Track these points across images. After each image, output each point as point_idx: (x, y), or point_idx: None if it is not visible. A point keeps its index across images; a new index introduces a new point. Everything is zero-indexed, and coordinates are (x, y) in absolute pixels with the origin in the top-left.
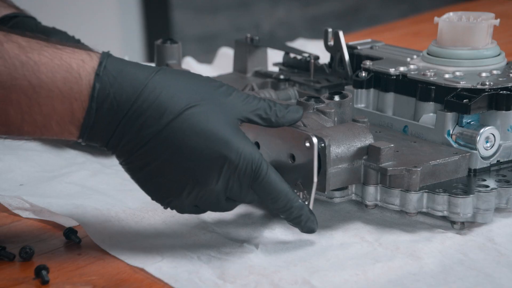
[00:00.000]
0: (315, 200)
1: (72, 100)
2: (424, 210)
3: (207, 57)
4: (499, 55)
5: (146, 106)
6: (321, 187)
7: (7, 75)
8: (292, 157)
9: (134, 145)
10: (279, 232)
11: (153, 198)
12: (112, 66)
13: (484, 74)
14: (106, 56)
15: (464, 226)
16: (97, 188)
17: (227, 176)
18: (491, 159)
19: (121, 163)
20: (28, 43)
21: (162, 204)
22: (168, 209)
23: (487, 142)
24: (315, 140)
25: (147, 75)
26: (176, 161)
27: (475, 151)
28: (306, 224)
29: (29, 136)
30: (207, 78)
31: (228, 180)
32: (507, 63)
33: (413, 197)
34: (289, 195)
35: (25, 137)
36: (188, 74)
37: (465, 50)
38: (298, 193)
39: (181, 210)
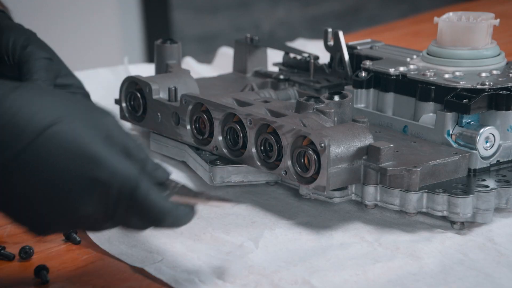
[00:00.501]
0: (315, 200)
1: None
2: (424, 210)
3: (207, 57)
4: (499, 55)
5: (2, 124)
6: (321, 187)
7: None
8: None
9: None
10: (279, 232)
11: (25, 225)
12: None
13: (484, 74)
14: None
15: (464, 226)
16: None
17: (103, 199)
18: (491, 159)
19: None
20: None
21: (31, 228)
22: None
23: (487, 142)
24: None
25: (8, 88)
26: (41, 187)
27: (475, 151)
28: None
29: None
30: (80, 97)
31: (103, 203)
32: (507, 63)
33: (413, 197)
34: (174, 213)
35: None
36: (56, 91)
37: (465, 50)
38: None
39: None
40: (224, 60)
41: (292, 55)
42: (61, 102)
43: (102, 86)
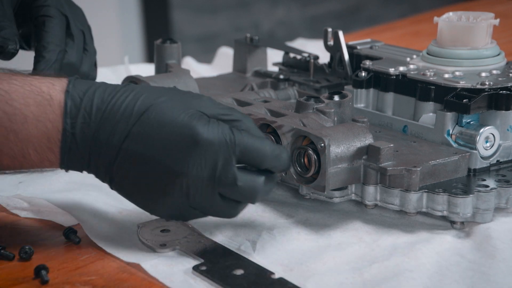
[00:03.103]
0: (315, 199)
1: (47, 123)
2: (423, 210)
3: (206, 57)
4: (498, 55)
5: (114, 113)
6: (321, 187)
7: None
8: None
9: (111, 157)
10: (277, 232)
11: (151, 212)
12: (80, 84)
13: (483, 74)
14: (74, 78)
15: (464, 225)
16: (95, 185)
17: (203, 159)
18: (490, 159)
19: (110, 185)
20: None
21: (162, 216)
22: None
23: (486, 142)
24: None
25: (116, 87)
26: (150, 156)
27: (474, 151)
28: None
29: (9, 169)
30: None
31: (206, 164)
32: (507, 63)
33: (413, 197)
34: (272, 147)
35: (5, 171)
36: (162, 87)
37: (465, 50)
38: None
39: (183, 217)
40: (224, 60)
41: (292, 55)
42: (158, 90)
43: None
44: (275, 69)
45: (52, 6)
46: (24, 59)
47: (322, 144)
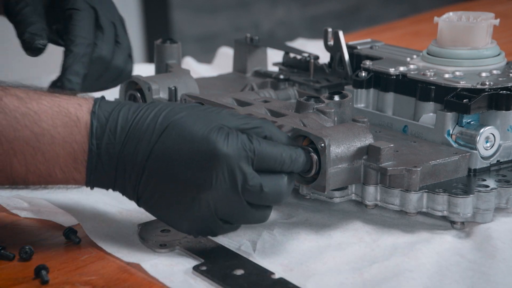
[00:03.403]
0: (315, 199)
1: (73, 143)
2: (424, 210)
3: (206, 57)
4: (499, 55)
5: (138, 131)
6: (321, 187)
7: (9, 128)
8: None
9: (137, 174)
10: (277, 232)
11: (180, 229)
12: (106, 105)
13: (484, 74)
14: (100, 98)
15: (464, 226)
16: None
17: (225, 171)
18: (491, 159)
19: (138, 203)
20: (26, 94)
21: (190, 233)
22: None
23: (487, 142)
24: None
25: (139, 105)
26: (172, 173)
27: (475, 151)
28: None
29: (34, 186)
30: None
31: (228, 176)
32: (507, 63)
33: (413, 197)
34: (289, 152)
35: (30, 187)
36: (183, 104)
37: (465, 50)
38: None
39: (212, 232)
40: (224, 60)
41: (292, 55)
42: (179, 107)
43: None
44: (275, 69)
45: None
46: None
47: (322, 144)
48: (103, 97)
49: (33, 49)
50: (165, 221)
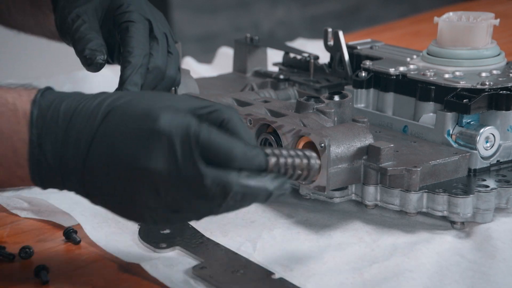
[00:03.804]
0: (315, 199)
1: (12, 134)
2: (424, 210)
3: (206, 57)
4: (499, 55)
5: (81, 117)
6: (321, 187)
7: None
8: None
9: (80, 164)
10: (277, 232)
11: (129, 218)
12: (50, 94)
13: (484, 74)
14: (45, 88)
15: (464, 226)
16: None
17: (166, 154)
18: (491, 159)
19: (91, 200)
20: None
21: (141, 221)
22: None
23: (487, 142)
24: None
25: (87, 94)
26: (116, 158)
27: (475, 151)
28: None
29: None
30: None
31: (170, 159)
32: (507, 63)
33: (413, 197)
34: (244, 149)
35: None
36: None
37: (465, 50)
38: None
39: (162, 221)
40: (224, 60)
41: (292, 55)
42: (130, 92)
43: (103, 86)
44: (275, 69)
45: (135, 11)
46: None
47: (322, 144)
48: (48, 87)
49: (94, 65)
50: (114, 210)
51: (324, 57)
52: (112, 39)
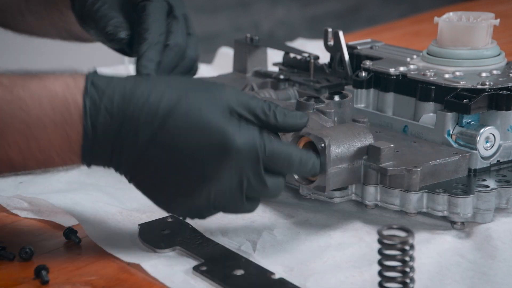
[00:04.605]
0: (315, 200)
1: (66, 126)
2: (424, 210)
3: (207, 57)
4: (499, 55)
5: (138, 112)
6: (321, 187)
7: None
8: None
9: (135, 156)
10: (278, 232)
11: (170, 211)
12: (99, 81)
13: (484, 74)
14: (92, 74)
15: (464, 226)
16: (95, 185)
17: (233, 166)
18: (491, 159)
19: (130, 181)
20: (11, 80)
21: (180, 215)
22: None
23: (487, 142)
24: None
25: (135, 82)
26: (177, 161)
27: (475, 151)
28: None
29: (35, 170)
30: (197, 78)
31: (236, 171)
32: (507, 63)
33: (413, 197)
34: (299, 154)
35: (32, 172)
36: (175, 76)
37: (465, 50)
38: None
39: (201, 216)
40: (224, 60)
41: (292, 55)
42: (181, 82)
43: None
44: (275, 69)
45: None
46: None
47: (322, 144)
48: (95, 72)
49: (116, 40)
50: (156, 202)
51: (324, 57)
52: (131, 23)
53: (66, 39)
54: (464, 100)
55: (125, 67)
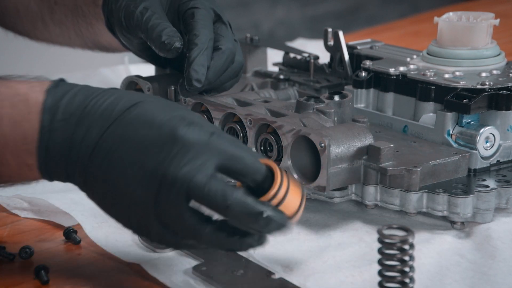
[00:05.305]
0: (316, 200)
1: (23, 122)
2: (424, 210)
3: None
4: (499, 55)
5: (94, 111)
6: (321, 187)
7: None
8: None
9: (86, 155)
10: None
11: (126, 225)
12: (64, 85)
13: (484, 74)
14: (59, 80)
15: (464, 226)
16: None
17: (182, 157)
18: (491, 159)
19: (82, 187)
20: None
21: (127, 226)
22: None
23: (487, 142)
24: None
25: (102, 89)
26: (125, 156)
27: (475, 151)
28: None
29: None
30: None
31: (185, 161)
32: (507, 63)
33: (413, 197)
34: (254, 160)
35: None
36: (147, 94)
37: (465, 50)
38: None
39: (148, 233)
40: None
41: (292, 55)
42: (142, 95)
43: (103, 86)
44: (275, 69)
45: (198, 0)
46: None
47: (322, 144)
48: (61, 79)
49: (173, 49)
50: (115, 217)
51: (324, 57)
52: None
53: (91, 49)
54: (464, 100)
55: (125, 67)
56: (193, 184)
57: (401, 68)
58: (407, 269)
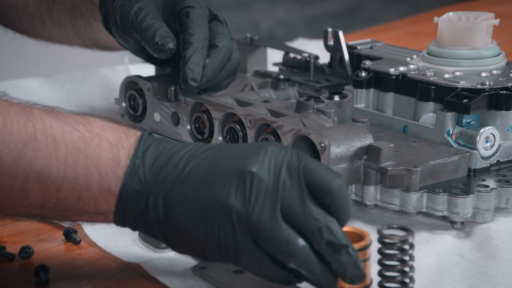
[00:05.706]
0: None
1: (119, 147)
2: (424, 210)
3: None
4: (499, 55)
5: (169, 170)
6: None
7: (59, 130)
8: None
9: (168, 192)
10: None
11: (214, 260)
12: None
13: (484, 74)
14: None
15: (464, 226)
16: None
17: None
18: (491, 159)
19: (167, 243)
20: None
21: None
22: None
23: (487, 142)
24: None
25: (188, 151)
26: (200, 196)
27: (475, 151)
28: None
29: (64, 202)
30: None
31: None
32: (507, 63)
33: (413, 197)
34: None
35: (59, 204)
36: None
37: (465, 50)
38: None
39: (256, 269)
40: None
41: (292, 55)
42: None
43: (103, 86)
44: (275, 69)
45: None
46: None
47: (322, 144)
48: (150, 133)
49: (166, 50)
50: (203, 257)
51: (324, 57)
52: (172, 31)
53: (90, 48)
54: (464, 100)
55: (125, 67)
56: None
57: (401, 68)
58: (407, 269)
